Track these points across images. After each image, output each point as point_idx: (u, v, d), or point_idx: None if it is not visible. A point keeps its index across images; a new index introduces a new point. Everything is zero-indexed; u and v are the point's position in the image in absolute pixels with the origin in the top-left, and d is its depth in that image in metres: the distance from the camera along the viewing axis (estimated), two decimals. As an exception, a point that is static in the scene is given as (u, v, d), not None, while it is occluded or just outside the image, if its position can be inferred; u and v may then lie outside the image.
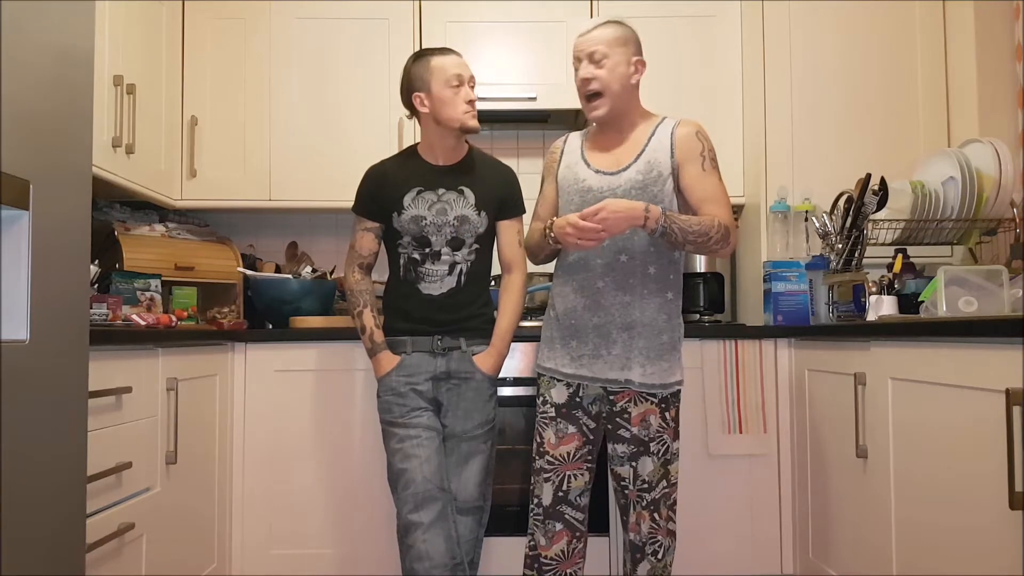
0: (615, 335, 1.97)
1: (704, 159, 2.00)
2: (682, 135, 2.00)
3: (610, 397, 2.01)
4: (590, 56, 1.98)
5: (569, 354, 2.01)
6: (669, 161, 1.99)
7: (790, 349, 2.59)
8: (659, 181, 1.97)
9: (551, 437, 2.02)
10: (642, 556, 2.00)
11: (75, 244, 1.35)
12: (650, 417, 1.98)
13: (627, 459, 1.99)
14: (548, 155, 2.18)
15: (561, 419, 2.02)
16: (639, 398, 1.98)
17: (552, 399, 2.03)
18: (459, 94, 2.16)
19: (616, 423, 2.00)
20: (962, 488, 1.63)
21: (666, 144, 2.00)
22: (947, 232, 2.55)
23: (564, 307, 2.02)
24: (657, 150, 2.00)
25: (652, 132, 2.03)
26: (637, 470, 1.98)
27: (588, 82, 1.98)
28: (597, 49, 1.97)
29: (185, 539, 2.27)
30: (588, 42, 1.99)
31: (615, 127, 2.05)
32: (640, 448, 1.98)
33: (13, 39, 1.18)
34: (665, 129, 2.02)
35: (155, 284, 2.55)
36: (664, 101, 2.93)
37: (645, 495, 1.98)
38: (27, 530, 1.21)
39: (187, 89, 2.98)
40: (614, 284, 1.97)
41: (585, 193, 2.00)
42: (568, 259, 2.04)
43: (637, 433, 1.98)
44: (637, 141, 2.03)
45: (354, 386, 2.60)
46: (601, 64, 1.97)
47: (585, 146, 2.08)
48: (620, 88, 1.99)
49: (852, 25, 2.83)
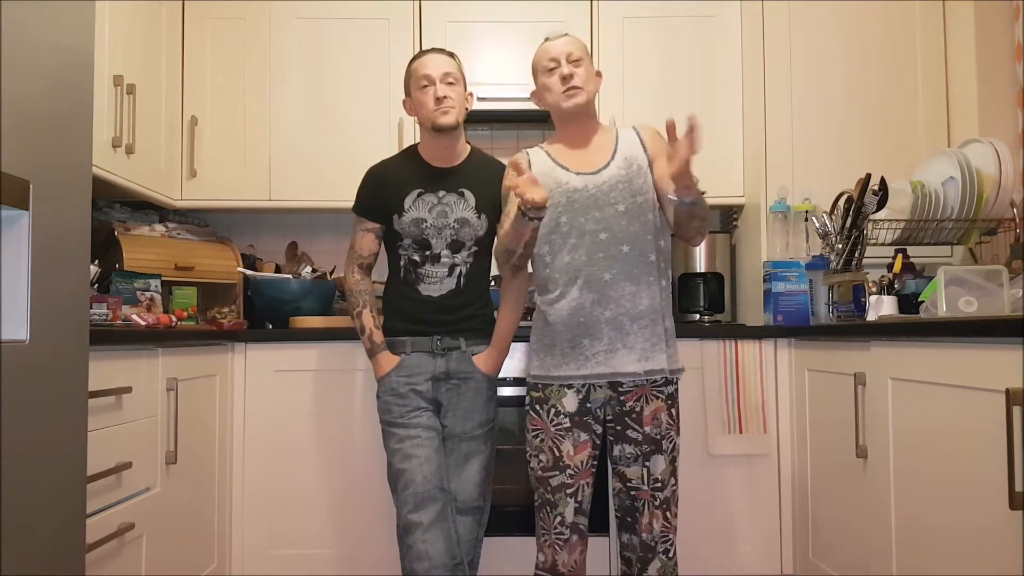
0: (629, 326, 1.96)
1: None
2: (649, 134, 2.09)
3: (620, 397, 1.99)
4: (568, 56, 2.03)
5: (581, 355, 1.97)
6: (644, 155, 2.04)
7: (790, 349, 2.59)
8: (641, 174, 2.02)
9: (569, 448, 1.97)
10: (653, 555, 1.99)
11: (75, 244, 1.35)
12: (660, 414, 1.98)
13: (636, 459, 1.98)
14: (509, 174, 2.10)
15: (576, 428, 1.98)
16: (650, 395, 1.98)
17: (564, 408, 1.98)
18: (427, 93, 2.17)
19: (625, 423, 1.99)
20: (962, 488, 1.63)
21: (635, 142, 2.07)
22: (947, 232, 2.54)
23: (569, 307, 1.98)
24: (629, 147, 2.06)
25: (616, 135, 2.10)
26: (650, 470, 1.97)
27: (571, 78, 2.01)
28: (574, 51, 2.04)
29: (185, 539, 2.27)
30: (565, 45, 2.05)
31: (580, 130, 2.08)
32: (652, 447, 1.97)
33: (13, 39, 1.18)
34: (627, 132, 2.11)
35: (155, 284, 2.55)
36: (664, 101, 2.96)
37: (659, 494, 1.98)
38: (27, 530, 1.21)
39: (187, 89, 2.98)
40: (622, 275, 1.97)
41: (572, 193, 2.00)
42: (562, 260, 1.99)
43: (650, 432, 1.97)
44: (604, 144, 2.08)
45: (354, 386, 2.60)
46: (579, 64, 2.04)
47: (554, 155, 2.08)
48: (592, 89, 2.07)
49: (852, 25, 2.83)
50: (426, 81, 2.17)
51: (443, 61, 2.20)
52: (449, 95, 2.16)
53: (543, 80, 2.06)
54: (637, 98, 2.97)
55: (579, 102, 2.02)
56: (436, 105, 2.16)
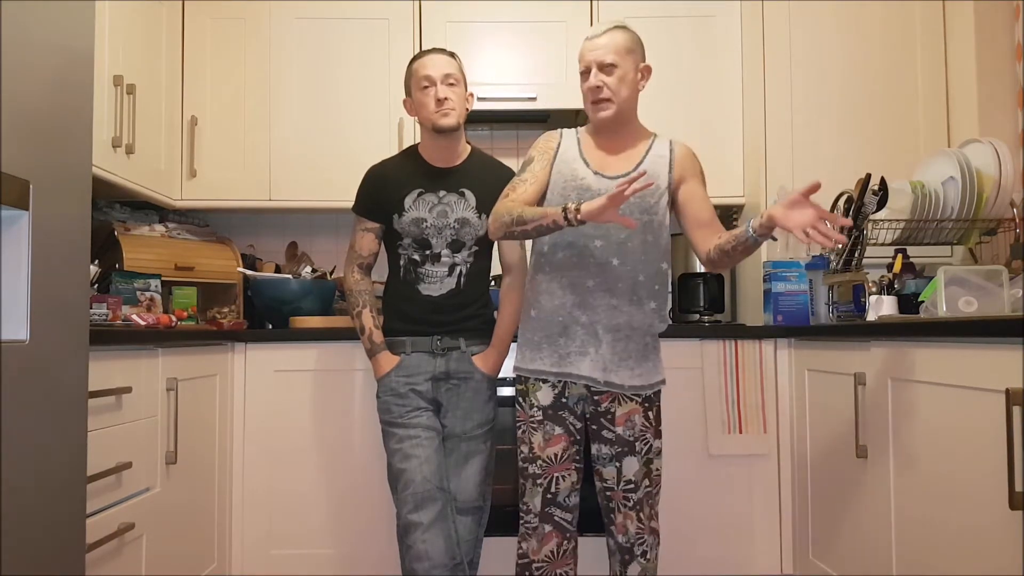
0: (602, 335, 1.97)
1: (702, 179, 2.06)
2: (681, 153, 2.05)
3: (594, 397, 2.01)
4: (600, 64, 1.97)
5: (557, 352, 2.00)
6: (667, 176, 2.02)
7: (790, 349, 2.59)
8: (656, 193, 1.99)
9: (539, 440, 2.01)
10: (631, 558, 2.01)
11: (75, 244, 1.35)
12: (635, 417, 1.99)
13: (611, 459, 2.01)
14: (544, 140, 2.10)
15: (548, 421, 2.01)
16: (623, 398, 2.00)
17: (538, 401, 2.02)
18: (428, 94, 2.17)
19: (600, 423, 2.01)
20: (962, 488, 1.63)
21: (665, 159, 2.03)
22: (947, 232, 2.54)
23: (552, 304, 2.00)
24: (656, 163, 2.02)
25: (649, 146, 2.06)
26: (622, 470, 2.00)
27: (599, 90, 1.97)
28: (607, 58, 1.97)
29: (185, 539, 2.27)
30: (599, 50, 1.98)
31: (613, 134, 2.05)
32: (624, 448, 1.99)
33: (13, 39, 1.18)
34: (662, 145, 2.06)
35: (155, 284, 2.55)
36: (664, 101, 2.96)
37: (631, 495, 2.00)
38: (27, 530, 1.21)
39: (187, 89, 2.98)
40: (603, 286, 1.97)
41: (583, 192, 1.99)
42: (557, 256, 2.00)
43: (622, 434, 1.99)
44: (635, 151, 2.05)
45: (354, 386, 2.60)
46: (611, 73, 1.97)
47: (582, 146, 2.07)
48: (628, 94, 2.01)
49: (852, 25, 2.83)
50: (427, 82, 2.17)
51: (444, 62, 2.20)
52: (450, 96, 2.16)
53: (581, 82, 2.03)
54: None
55: (606, 116, 1.99)
56: (437, 107, 2.16)
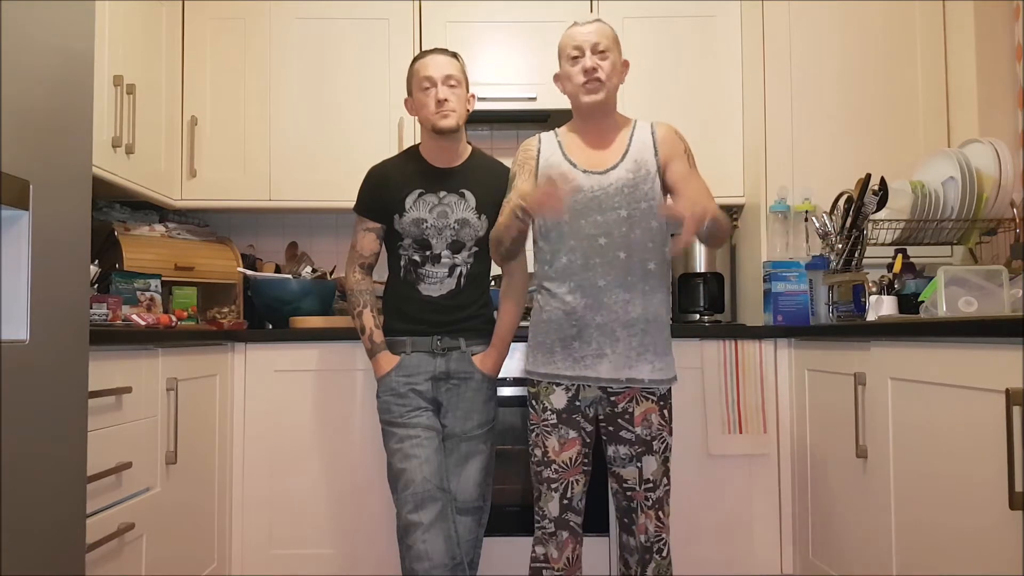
0: (619, 332, 1.96)
1: (688, 156, 2.06)
2: (663, 134, 2.05)
3: (611, 399, 2.00)
4: (593, 47, 1.99)
5: (571, 356, 1.98)
6: (654, 159, 2.02)
7: (790, 349, 2.59)
8: (648, 179, 1.99)
9: (555, 444, 2.00)
10: (650, 557, 2.00)
11: (75, 244, 1.35)
12: (651, 416, 1.99)
13: (630, 460, 1.99)
14: (523, 152, 2.11)
15: (562, 425, 2.00)
16: (640, 397, 1.99)
17: (552, 405, 2.01)
18: (429, 95, 2.17)
19: (617, 424, 2.00)
20: (962, 488, 1.63)
21: (648, 143, 2.04)
22: (947, 232, 2.55)
23: (562, 309, 1.99)
24: (641, 150, 2.03)
25: (631, 133, 2.06)
26: (642, 470, 1.99)
27: (594, 71, 1.97)
28: (600, 42, 1.99)
29: (185, 539, 2.27)
30: (591, 34, 2.00)
31: (596, 125, 2.05)
32: (644, 448, 1.99)
33: (13, 39, 1.18)
34: (643, 129, 2.07)
35: (155, 284, 2.54)
36: (664, 101, 2.96)
37: (651, 495, 1.99)
38: (27, 530, 1.21)
39: (187, 89, 2.98)
40: (616, 282, 1.97)
41: (574, 192, 1.99)
42: (560, 261, 2.00)
43: (641, 433, 1.98)
44: (618, 141, 2.05)
45: (354, 386, 2.60)
46: (605, 58, 1.99)
47: (564, 147, 2.06)
48: (616, 83, 2.04)
49: (852, 25, 2.83)
50: (428, 83, 2.17)
51: (445, 63, 2.20)
52: (450, 98, 2.16)
53: (566, 68, 2.03)
54: (637, 98, 2.96)
55: (598, 99, 1.99)
56: (437, 108, 2.16)
